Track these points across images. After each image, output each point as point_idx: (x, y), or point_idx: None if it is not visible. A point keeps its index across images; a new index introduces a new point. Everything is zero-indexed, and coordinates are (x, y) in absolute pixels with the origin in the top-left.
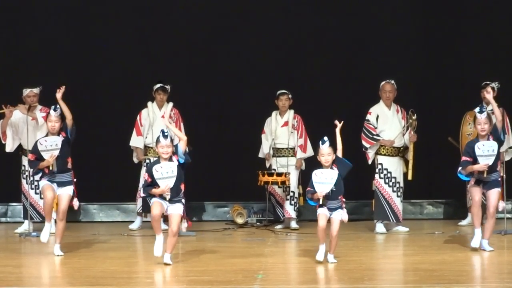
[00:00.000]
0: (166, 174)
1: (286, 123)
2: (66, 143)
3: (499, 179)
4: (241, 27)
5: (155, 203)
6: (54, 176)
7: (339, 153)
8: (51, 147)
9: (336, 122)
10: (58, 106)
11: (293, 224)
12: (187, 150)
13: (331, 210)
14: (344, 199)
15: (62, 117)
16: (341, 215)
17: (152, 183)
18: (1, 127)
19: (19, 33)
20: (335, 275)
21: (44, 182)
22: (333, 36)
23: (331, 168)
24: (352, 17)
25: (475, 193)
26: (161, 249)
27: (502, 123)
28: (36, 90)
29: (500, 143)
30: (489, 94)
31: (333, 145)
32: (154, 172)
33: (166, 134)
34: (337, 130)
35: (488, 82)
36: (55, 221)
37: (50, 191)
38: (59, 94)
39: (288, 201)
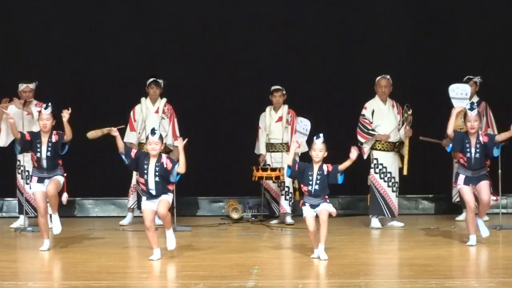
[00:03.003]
0: None
1: (280, 119)
2: (55, 146)
3: (487, 174)
4: (236, 22)
5: (145, 211)
6: (43, 171)
7: (340, 167)
8: None
9: (355, 149)
10: (49, 104)
11: (288, 219)
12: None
13: (314, 207)
14: (326, 197)
15: (53, 115)
16: (327, 207)
17: (135, 161)
18: None
19: (14, 28)
20: (330, 270)
21: (34, 187)
22: (328, 31)
23: (321, 166)
24: (347, 12)
25: (469, 198)
26: (159, 257)
27: (502, 140)
28: (31, 85)
29: (490, 157)
30: (507, 133)
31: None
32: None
33: (155, 131)
34: (353, 157)
35: (470, 77)
36: (50, 216)
37: (42, 200)
38: (65, 118)
39: (283, 196)
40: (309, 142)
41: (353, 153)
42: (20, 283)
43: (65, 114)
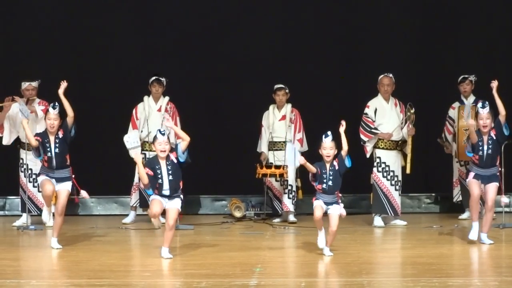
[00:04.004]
0: (134, 144)
1: (283, 117)
2: (64, 141)
3: (498, 173)
4: (239, 20)
5: (154, 201)
6: (53, 172)
7: (344, 152)
8: None
9: (342, 122)
10: (57, 103)
11: (291, 218)
12: (187, 150)
13: (327, 204)
14: (340, 194)
15: (61, 115)
16: (339, 210)
17: (154, 176)
18: None
19: (17, 26)
20: (333, 268)
21: (42, 178)
22: (331, 30)
23: (332, 162)
24: (350, 11)
25: (474, 188)
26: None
27: (505, 117)
28: (34, 84)
29: (503, 138)
30: (494, 89)
31: (337, 141)
32: (125, 143)
33: (163, 132)
34: (342, 131)
35: (466, 76)
36: (53, 215)
37: (49, 184)
38: (61, 90)
39: (286, 195)
40: (310, 140)
41: (341, 127)
42: (22, 282)
43: (62, 87)
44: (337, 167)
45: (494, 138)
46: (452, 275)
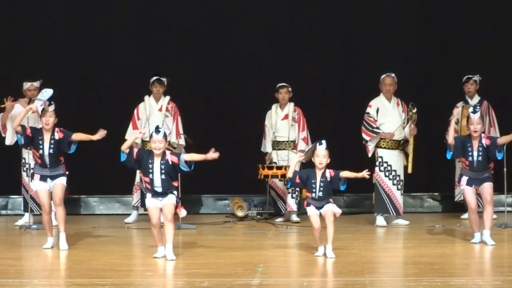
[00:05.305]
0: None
1: (286, 116)
2: (59, 145)
3: (490, 176)
4: (241, 19)
5: (150, 209)
6: (46, 170)
7: (344, 175)
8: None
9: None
10: (52, 102)
11: (294, 217)
12: (194, 164)
13: (318, 208)
14: (331, 200)
15: (56, 113)
16: (332, 207)
17: (137, 161)
18: (1, 120)
19: (19, 26)
20: (335, 268)
21: (37, 185)
22: (333, 29)
23: (325, 172)
24: (352, 10)
25: (471, 199)
26: (163, 254)
27: (504, 143)
28: (36, 84)
29: (493, 160)
30: (508, 136)
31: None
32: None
33: (159, 129)
34: (360, 175)
35: (470, 76)
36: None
37: (46, 197)
38: (96, 137)
39: (290, 194)
40: (313, 139)
41: (364, 173)
42: (24, 281)
43: (99, 135)
44: (328, 179)
45: (485, 146)
46: (455, 275)
